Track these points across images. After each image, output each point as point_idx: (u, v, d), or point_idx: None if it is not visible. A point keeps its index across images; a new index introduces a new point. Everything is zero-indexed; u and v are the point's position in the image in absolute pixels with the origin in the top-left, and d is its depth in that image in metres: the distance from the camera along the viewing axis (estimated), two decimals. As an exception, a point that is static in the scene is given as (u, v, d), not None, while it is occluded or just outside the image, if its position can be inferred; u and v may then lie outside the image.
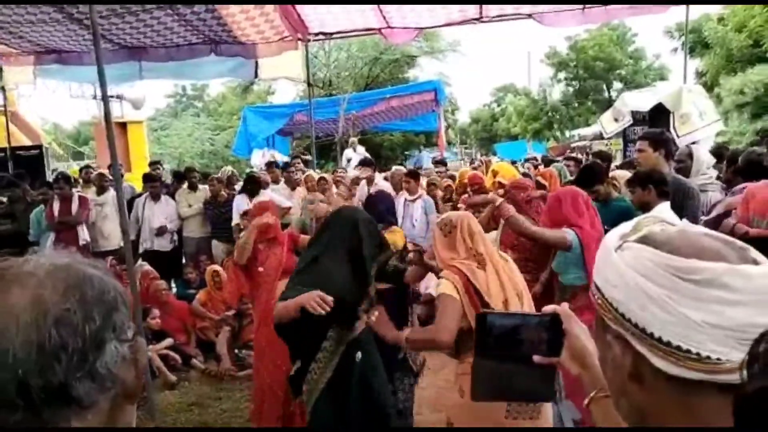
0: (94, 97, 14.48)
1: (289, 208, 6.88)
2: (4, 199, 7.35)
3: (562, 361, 0.99)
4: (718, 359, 0.61)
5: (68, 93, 14.06)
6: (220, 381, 5.26)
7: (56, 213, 6.63)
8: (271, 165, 8.43)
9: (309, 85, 9.68)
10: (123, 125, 14.14)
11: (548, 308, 1.03)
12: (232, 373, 5.33)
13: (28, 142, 12.45)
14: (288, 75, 9.23)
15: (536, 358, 0.99)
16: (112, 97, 13.18)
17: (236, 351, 5.61)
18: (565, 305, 1.05)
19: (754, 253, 0.66)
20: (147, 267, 6.35)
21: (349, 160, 11.56)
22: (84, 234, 6.77)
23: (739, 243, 0.67)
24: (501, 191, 4.96)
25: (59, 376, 0.61)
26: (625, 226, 0.75)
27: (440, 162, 10.45)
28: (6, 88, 10.17)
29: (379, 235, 3.05)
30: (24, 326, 0.61)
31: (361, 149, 12.29)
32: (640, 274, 0.66)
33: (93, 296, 0.67)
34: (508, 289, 2.59)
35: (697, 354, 0.61)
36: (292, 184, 7.54)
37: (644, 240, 0.69)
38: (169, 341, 5.61)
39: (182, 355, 5.59)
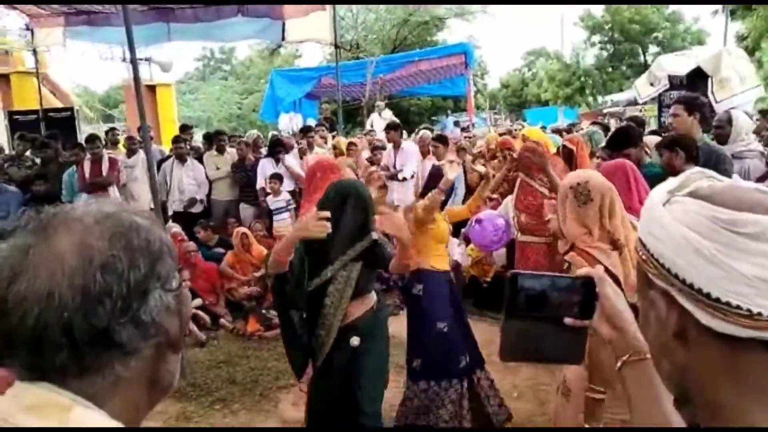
0: (124, 60, 14.52)
1: None
2: (38, 160, 7.50)
3: (594, 324, 0.98)
4: None
5: (98, 56, 14.21)
6: (248, 340, 5.37)
7: (87, 174, 6.75)
8: (306, 130, 8.34)
9: (336, 47, 9.56)
10: (152, 88, 14.25)
11: (582, 271, 1.01)
12: (260, 333, 5.43)
13: (59, 105, 12.61)
14: (315, 37, 9.12)
15: (567, 320, 0.97)
16: (140, 59, 13.24)
17: (264, 311, 5.71)
18: (599, 268, 1.02)
19: None
20: (176, 229, 6.45)
21: (372, 125, 11.48)
22: (116, 195, 6.89)
23: None
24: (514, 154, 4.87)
25: (103, 321, 0.63)
26: (671, 182, 0.72)
27: (465, 129, 10.32)
28: (37, 49, 10.28)
29: (366, 215, 2.83)
30: (70, 271, 0.63)
31: (387, 113, 12.19)
32: (688, 227, 0.64)
33: (139, 244, 0.68)
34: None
35: (748, 310, 0.59)
36: (301, 152, 7.53)
37: (693, 194, 0.67)
38: (198, 301, 5.73)
39: (211, 315, 5.71)
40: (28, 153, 7.72)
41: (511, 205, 4.77)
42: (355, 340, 2.86)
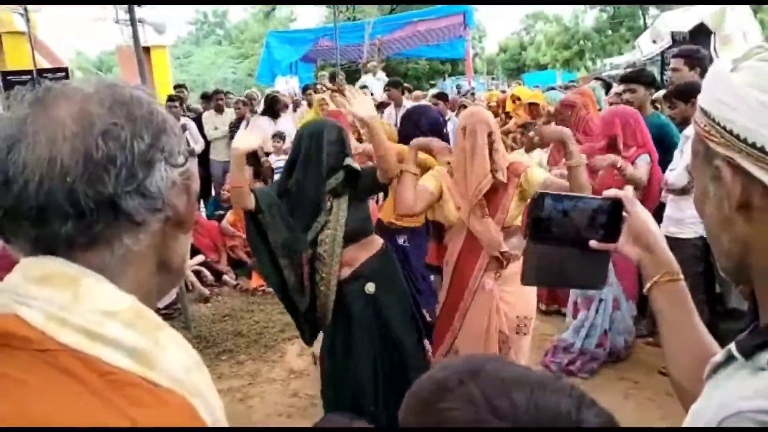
0: (117, 21, 14.31)
1: None
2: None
3: (620, 247, 0.96)
4: None
5: (89, 18, 13.92)
6: (252, 295, 5.40)
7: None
8: (307, 89, 8.27)
9: (334, 2, 9.38)
10: (146, 50, 13.91)
11: (610, 192, 0.99)
12: (263, 288, 5.45)
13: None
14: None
15: (593, 243, 0.96)
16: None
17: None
18: (628, 188, 1.01)
19: None
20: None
21: (364, 87, 11.28)
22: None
23: None
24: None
25: (108, 188, 0.61)
26: (735, 54, 0.71)
27: (465, 95, 10.24)
28: (28, 9, 10.04)
29: (339, 148, 2.63)
30: (71, 136, 0.61)
31: (381, 75, 12.02)
32: (761, 90, 0.62)
33: (141, 115, 0.66)
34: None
35: None
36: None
37: (763, 59, 0.64)
38: (200, 258, 5.73)
39: (214, 272, 5.73)
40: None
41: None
42: (370, 287, 2.66)
